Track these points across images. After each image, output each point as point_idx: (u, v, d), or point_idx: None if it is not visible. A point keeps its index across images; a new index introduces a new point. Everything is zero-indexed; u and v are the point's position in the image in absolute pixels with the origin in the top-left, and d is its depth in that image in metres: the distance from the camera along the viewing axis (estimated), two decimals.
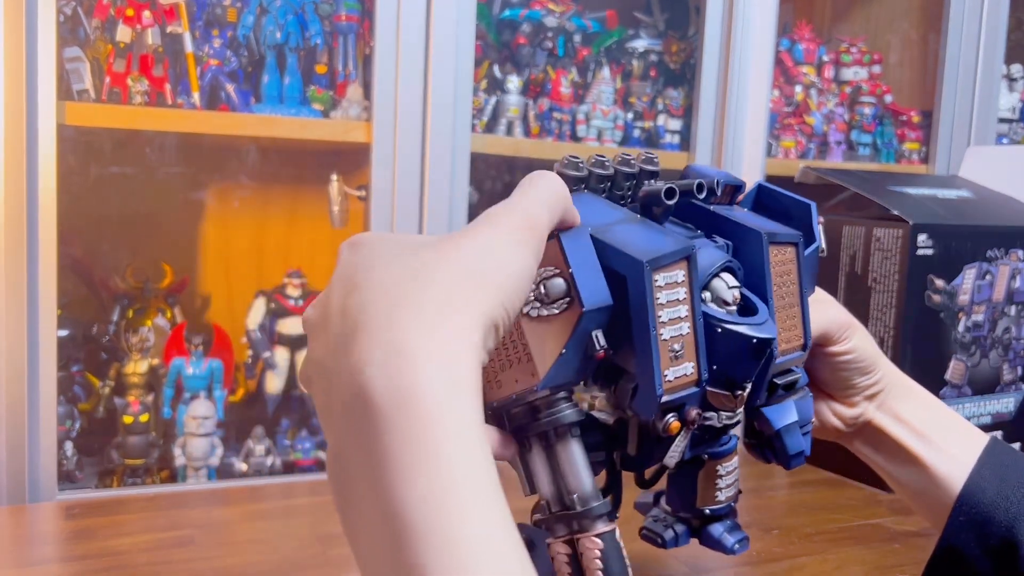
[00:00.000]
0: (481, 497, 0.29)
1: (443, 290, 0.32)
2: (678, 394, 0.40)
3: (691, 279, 0.41)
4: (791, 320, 0.49)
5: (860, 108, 1.36)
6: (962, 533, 0.52)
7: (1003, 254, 1.01)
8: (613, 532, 0.36)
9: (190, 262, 1.16)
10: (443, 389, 0.30)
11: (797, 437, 0.51)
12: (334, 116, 1.02)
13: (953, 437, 0.56)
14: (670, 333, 0.40)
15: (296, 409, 1.07)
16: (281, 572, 0.72)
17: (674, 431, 0.40)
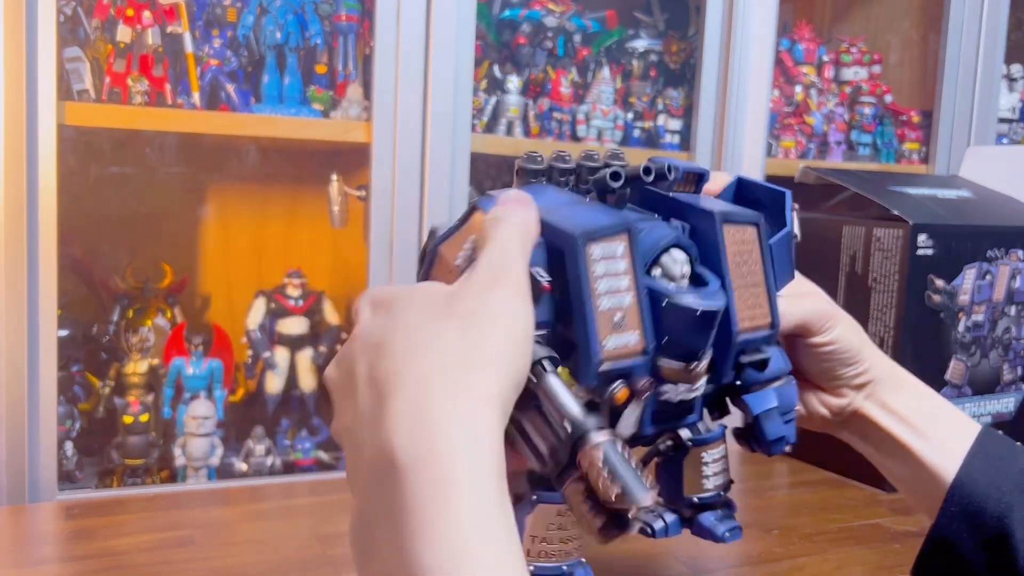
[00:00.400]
0: (495, 558, 0.30)
1: (465, 359, 0.34)
2: (621, 363, 0.41)
3: (633, 253, 0.42)
4: (755, 299, 0.48)
5: (860, 108, 1.36)
6: (954, 524, 0.52)
7: (1003, 254, 1.01)
8: (612, 440, 0.37)
9: (190, 262, 1.16)
10: (465, 451, 0.31)
11: (777, 423, 0.51)
12: (334, 116, 1.02)
13: (944, 427, 0.56)
14: (609, 303, 0.41)
15: (296, 409, 1.07)
16: (281, 572, 0.72)
17: (621, 399, 0.41)
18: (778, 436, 0.51)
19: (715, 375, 0.47)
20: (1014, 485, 0.52)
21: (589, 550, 0.77)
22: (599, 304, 0.40)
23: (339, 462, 1.06)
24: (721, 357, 0.46)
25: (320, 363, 1.07)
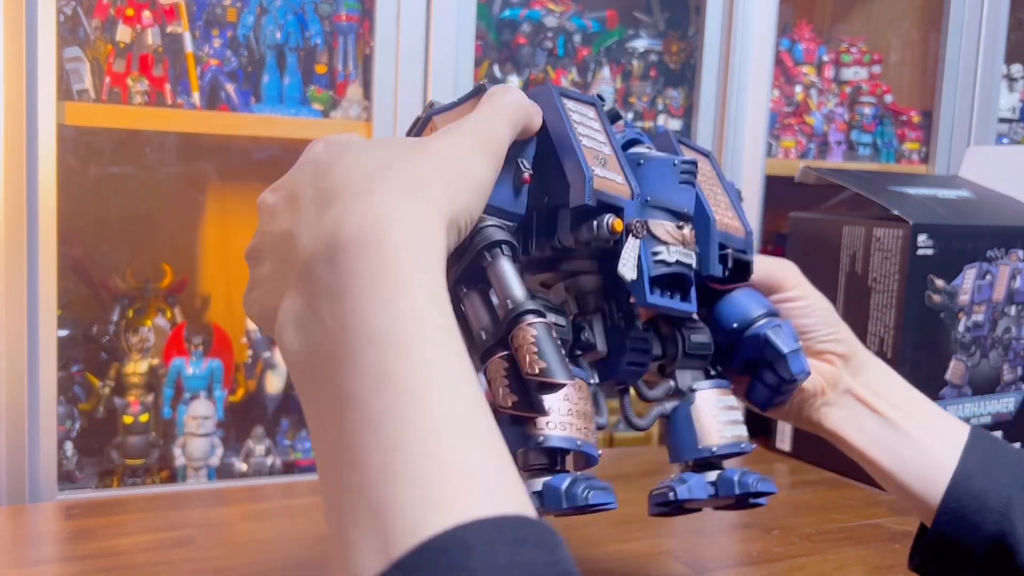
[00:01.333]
0: (444, 321, 0.31)
1: (417, 178, 0.34)
2: (612, 195, 0.42)
3: (603, 121, 0.44)
4: (723, 207, 0.50)
5: (860, 108, 1.36)
6: (955, 520, 0.52)
7: (1003, 254, 1.01)
8: (547, 324, 0.37)
9: (190, 262, 1.16)
10: (411, 237, 0.32)
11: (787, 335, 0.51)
12: (334, 116, 1.02)
13: (938, 418, 0.56)
14: (590, 143, 0.42)
15: (296, 409, 1.07)
16: (281, 572, 0.72)
17: (618, 228, 0.41)
18: (793, 348, 0.50)
19: (702, 264, 0.47)
20: (1012, 479, 0.51)
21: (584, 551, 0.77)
22: (582, 141, 0.42)
23: None
24: (703, 244, 0.47)
25: None
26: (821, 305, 0.57)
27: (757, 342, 0.50)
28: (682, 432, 0.50)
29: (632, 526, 0.82)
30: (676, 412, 0.50)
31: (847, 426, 0.58)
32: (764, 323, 0.51)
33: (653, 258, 0.43)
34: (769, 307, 0.53)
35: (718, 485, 0.50)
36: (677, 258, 0.44)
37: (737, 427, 0.50)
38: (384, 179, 0.33)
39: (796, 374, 0.50)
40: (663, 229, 0.44)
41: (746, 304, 0.52)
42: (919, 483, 0.55)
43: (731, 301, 0.52)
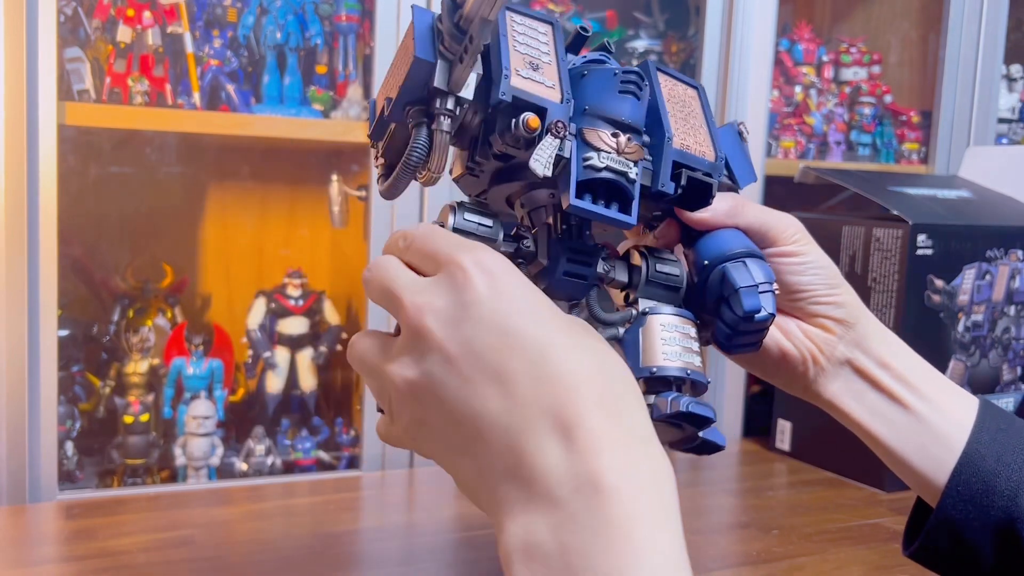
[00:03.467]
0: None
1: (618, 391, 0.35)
2: (536, 96, 0.42)
3: (555, 38, 0.45)
4: (694, 131, 0.48)
5: (860, 108, 1.36)
6: (961, 505, 0.48)
7: (1003, 254, 1.01)
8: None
9: (190, 262, 1.16)
10: (645, 484, 0.32)
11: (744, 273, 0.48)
12: (334, 116, 1.02)
13: (946, 392, 0.51)
14: (526, 51, 0.43)
15: (296, 409, 1.07)
16: (281, 572, 0.72)
17: (533, 124, 0.41)
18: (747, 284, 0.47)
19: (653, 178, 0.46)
20: (1023, 462, 0.48)
21: None
22: (515, 47, 0.43)
23: (339, 462, 1.06)
24: (656, 161, 0.46)
25: (320, 363, 1.07)
26: (821, 264, 0.52)
27: (718, 278, 0.48)
28: (628, 352, 0.47)
29: None
30: (627, 332, 0.47)
31: (845, 398, 0.53)
32: (734, 261, 0.48)
33: (583, 163, 0.42)
34: (750, 248, 0.49)
35: (652, 407, 0.46)
36: (607, 164, 0.42)
37: (689, 355, 0.47)
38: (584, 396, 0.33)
39: (747, 311, 0.46)
40: (596, 135, 0.43)
41: (725, 242, 0.49)
42: (923, 462, 0.50)
43: (711, 238, 0.49)
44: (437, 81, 0.41)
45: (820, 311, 0.52)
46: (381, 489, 0.95)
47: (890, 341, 0.53)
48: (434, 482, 0.98)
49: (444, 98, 0.42)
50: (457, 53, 0.41)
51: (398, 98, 0.42)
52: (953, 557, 0.50)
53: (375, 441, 1.00)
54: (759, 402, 1.23)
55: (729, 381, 1.17)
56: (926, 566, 0.52)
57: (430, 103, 0.42)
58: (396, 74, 0.44)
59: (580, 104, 0.43)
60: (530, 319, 0.35)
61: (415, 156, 0.42)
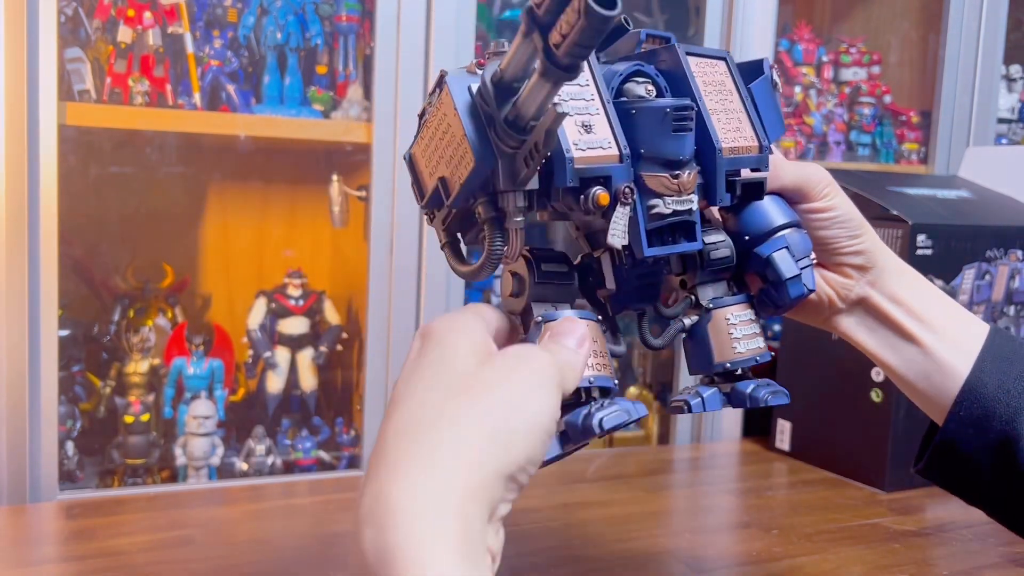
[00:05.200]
0: None
1: (457, 449, 0.33)
2: (597, 166, 0.42)
3: (595, 77, 0.44)
4: (736, 123, 0.49)
5: (859, 108, 1.36)
6: (962, 428, 0.52)
7: (1002, 254, 1.01)
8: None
9: (191, 262, 1.16)
10: (427, 546, 0.30)
11: (789, 263, 0.50)
12: (334, 116, 1.02)
13: (954, 322, 0.55)
14: (575, 111, 0.42)
15: (296, 409, 1.07)
16: (281, 572, 0.72)
17: (603, 202, 0.41)
18: (793, 275, 0.50)
19: (709, 196, 0.47)
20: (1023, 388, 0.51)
21: (584, 551, 0.77)
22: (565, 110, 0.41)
23: (339, 462, 1.06)
24: (709, 175, 0.46)
25: (320, 363, 1.07)
26: (845, 216, 0.54)
27: (761, 261, 0.51)
28: (699, 347, 0.50)
29: (632, 526, 0.83)
30: (694, 328, 0.50)
31: (859, 332, 0.57)
32: (776, 239, 0.51)
33: (649, 211, 0.43)
34: (789, 217, 0.52)
35: (731, 397, 0.51)
36: (673, 208, 0.44)
37: (754, 340, 0.50)
38: (412, 458, 0.33)
39: (793, 299, 0.50)
40: (657, 181, 0.43)
41: (765, 215, 0.51)
42: (930, 389, 0.54)
43: (753, 210, 0.51)
44: (503, 184, 0.40)
45: (842, 260, 0.56)
46: None
47: (906, 276, 0.56)
48: None
49: (515, 196, 0.41)
50: (515, 150, 0.39)
51: (460, 193, 0.41)
52: (955, 475, 0.54)
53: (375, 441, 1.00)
54: None
55: None
56: (932, 481, 0.56)
57: (497, 199, 0.41)
58: (442, 150, 0.42)
59: (635, 147, 0.43)
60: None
61: (496, 252, 0.41)
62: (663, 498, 0.94)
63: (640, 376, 1.27)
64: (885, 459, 0.97)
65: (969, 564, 0.77)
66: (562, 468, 1.02)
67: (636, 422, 0.46)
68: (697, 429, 1.18)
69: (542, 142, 0.38)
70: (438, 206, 0.44)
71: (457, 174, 0.41)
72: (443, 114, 0.42)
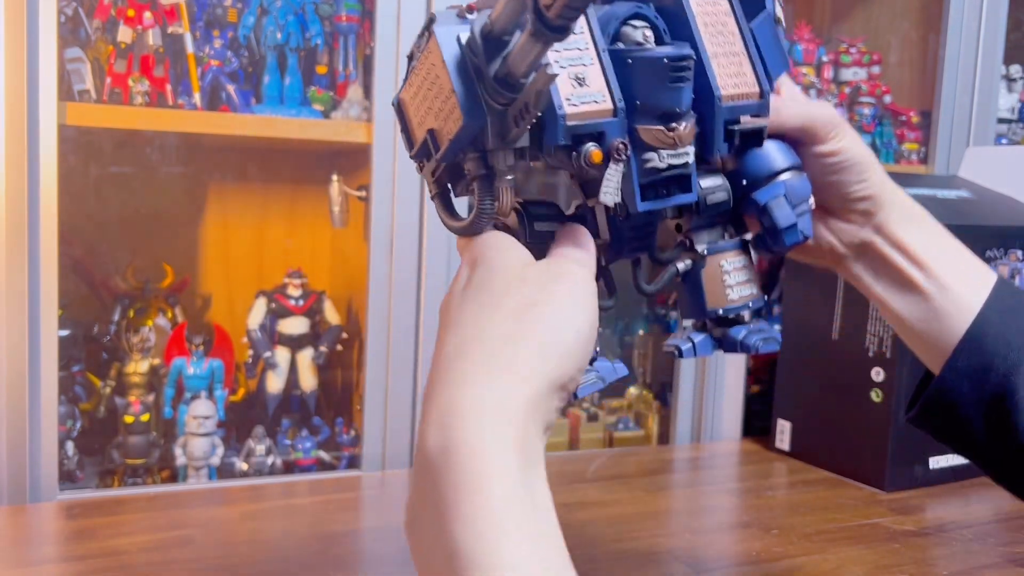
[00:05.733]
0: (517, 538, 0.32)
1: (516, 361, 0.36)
2: (590, 122, 0.41)
3: (590, 24, 0.42)
4: (736, 67, 0.47)
5: (859, 108, 1.36)
6: (958, 380, 0.51)
7: (1002, 254, 1.01)
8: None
9: (191, 262, 1.17)
10: (489, 445, 0.34)
11: (786, 210, 0.49)
12: (334, 116, 1.02)
13: (960, 272, 0.53)
14: (568, 63, 0.41)
15: (296, 409, 1.07)
16: (281, 572, 0.72)
17: (596, 159, 0.40)
18: (789, 223, 0.49)
19: (706, 146, 0.45)
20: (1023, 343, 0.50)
21: (584, 551, 0.77)
22: (557, 62, 0.40)
23: (339, 462, 1.06)
24: (707, 124, 0.45)
25: (320, 363, 1.07)
26: (853, 159, 0.52)
27: (758, 207, 0.49)
28: (692, 293, 0.49)
29: (632, 526, 0.83)
30: (688, 274, 0.49)
31: (864, 277, 0.55)
32: (774, 185, 0.49)
33: (643, 165, 0.42)
34: (790, 161, 0.50)
35: (723, 343, 0.50)
36: (668, 163, 0.42)
37: (747, 287, 0.49)
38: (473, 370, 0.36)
39: (788, 246, 0.50)
40: (652, 135, 0.42)
41: (764, 159, 0.50)
42: (930, 339, 0.53)
43: (752, 153, 0.50)
44: (492, 142, 0.40)
45: (847, 206, 0.54)
46: (381, 489, 0.96)
47: (914, 219, 0.54)
48: None
49: (504, 154, 0.40)
50: (505, 107, 0.39)
51: (449, 149, 0.40)
52: (948, 427, 0.53)
53: (375, 441, 1.01)
54: (759, 402, 1.23)
55: (729, 381, 1.18)
56: (925, 431, 0.55)
57: (486, 155, 0.41)
58: (431, 103, 0.41)
59: (630, 97, 0.42)
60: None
61: (487, 208, 0.41)
62: (663, 498, 0.94)
63: (640, 376, 1.27)
64: (885, 459, 0.97)
65: (969, 564, 0.77)
66: (562, 468, 1.02)
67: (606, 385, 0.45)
68: (697, 429, 1.18)
69: (532, 102, 0.37)
70: (427, 157, 0.43)
71: (446, 128, 0.40)
72: (431, 64, 0.40)
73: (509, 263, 0.40)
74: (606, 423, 1.22)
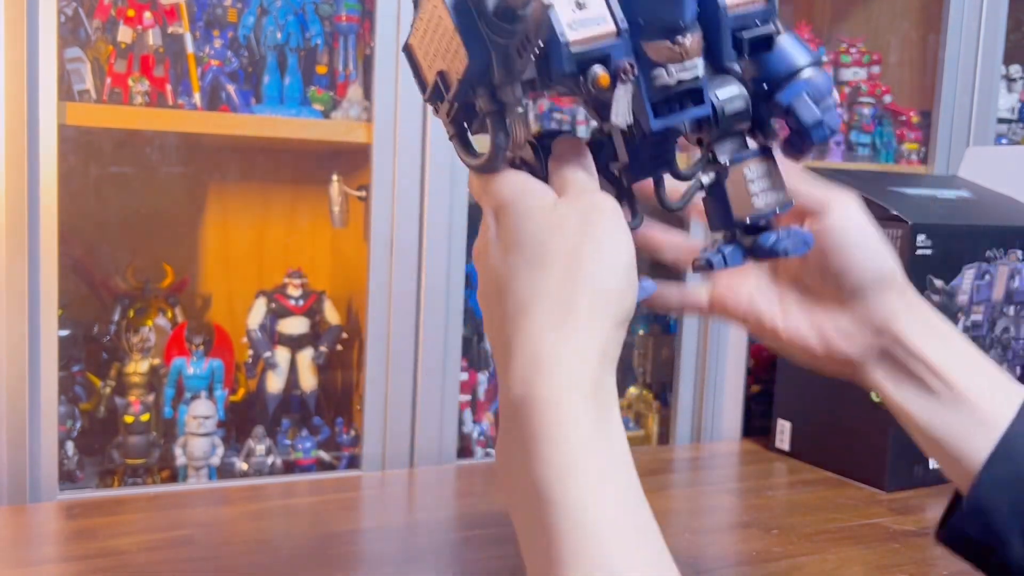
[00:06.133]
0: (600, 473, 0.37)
1: (578, 310, 0.39)
2: (595, 45, 0.40)
3: None
4: None
5: (859, 108, 1.36)
6: (994, 490, 0.48)
7: (1002, 254, 1.01)
8: None
9: (191, 262, 1.17)
10: (567, 395, 0.37)
11: (809, 107, 0.48)
12: (334, 116, 1.02)
13: (988, 384, 0.50)
14: None
15: (296, 409, 1.07)
16: (281, 572, 0.72)
17: (603, 83, 0.40)
18: (815, 120, 0.48)
19: (716, 57, 0.45)
20: None
21: None
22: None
23: (339, 462, 1.06)
24: (713, 34, 0.44)
25: (320, 363, 1.07)
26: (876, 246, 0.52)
27: (781, 109, 0.48)
28: (718, 204, 0.49)
29: None
30: (712, 186, 0.48)
31: (883, 385, 0.52)
32: (795, 84, 0.48)
33: (653, 82, 0.42)
34: (810, 57, 0.48)
35: (754, 250, 0.49)
36: (678, 78, 0.42)
37: (773, 193, 0.49)
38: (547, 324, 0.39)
39: (817, 144, 0.49)
40: (658, 50, 0.42)
41: (783, 58, 0.48)
42: (957, 451, 0.50)
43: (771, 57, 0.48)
44: (498, 77, 0.40)
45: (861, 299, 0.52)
46: (381, 489, 0.96)
47: (931, 327, 0.52)
48: (434, 482, 0.98)
49: (513, 87, 0.41)
50: (507, 41, 0.39)
51: (459, 88, 0.41)
52: (981, 545, 0.50)
53: (375, 441, 1.01)
54: (759, 402, 1.23)
55: (729, 381, 1.18)
56: (955, 550, 0.52)
57: (497, 92, 0.41)
58: (437, 45, 0.42)
59: (632, 16, 0.42)
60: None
61: (501, 143, 0.42)
62: (663, 498, 0.94)
63: (640, 376, 1.27)
64: (885, 459, 0.97)
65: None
66: None
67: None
68: (697, 429, 1.18)
69: (533, 33, 0.38)
70: (440, 99, 0.43)
71: (454, 68, 0.41)
72: (433, 5, 0.41)
73: (535, 206, 0.41)
74: None
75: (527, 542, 0.38)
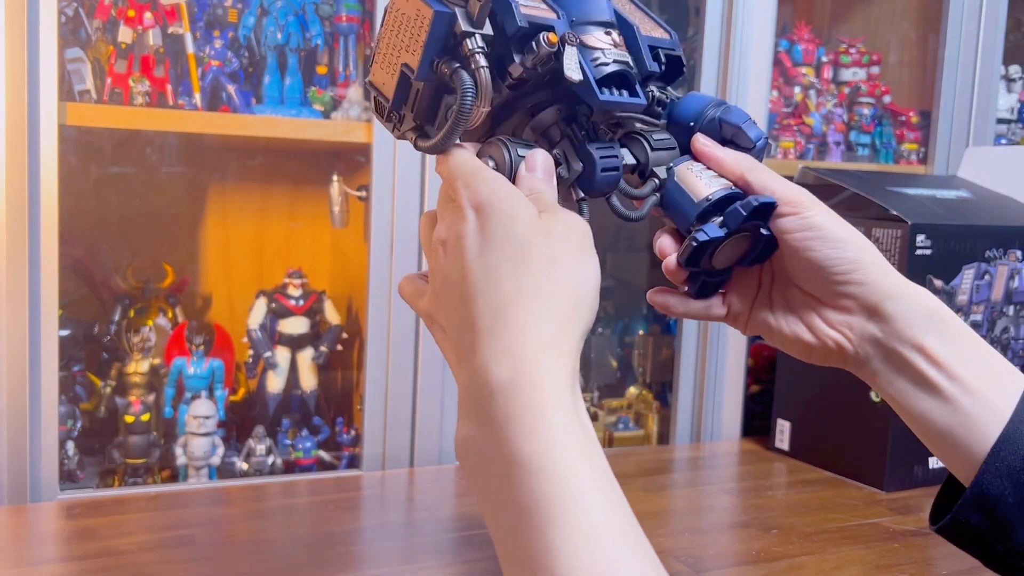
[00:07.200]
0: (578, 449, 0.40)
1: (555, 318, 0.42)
2: (541, 17, 0.48)
3: None
4: (645, 22, 0.55)
5: (859, 109, 1.36)
6: (997, 480, 0.47)
7: (1002, 254, 1.01)
8: None
9: (191, 262, 1.17)
10: (549, 381, 0.41)
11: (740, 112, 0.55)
12: (334, 117, 1.02)
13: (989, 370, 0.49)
14: None
15: (297, 409, 1.07)
16: (281, 572, 0.72)
17: (553, 40, 0.46)
18: (745, 119, 0.54)
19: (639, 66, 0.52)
20: None
21: None
22: None
23: (339, 462, 1.06)
24: (634, 46, 0.52)
25: (320, 363, 1.07)
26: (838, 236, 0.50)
27: (714, 127, 0.55)
28: (677, 200, 0.54)
29: None
30: (665, 189, 0.54)
31: (879, 376, 0.52)
32: (716, 107, 0.55)
33: (593, 64, 0.49)
34: (715, 98, 0.57)
35: (727, 219, 0.52)
36: (614, 58, 0.49)
37: (719, 179, 0.53)
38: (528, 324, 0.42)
39: (755, 140, 0.54)
40: (593, 38, 0.49)
41: (693, 101, 0.56)
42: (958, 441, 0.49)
43: (679, 104, 0.56)
44: (463, 25, 0.45)
45: (837, 289, 0.51)
46: (381, 489, 0.96)
47: (934, 320, 0.50)
48: (434, 482, 0.98)
49: (473, 37, 0.45)
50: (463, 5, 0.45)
51: (424, 57, 0.46)
52: (987, 531, 0.49)
53: (375, 441, 1.01)
54: (759, 402, 1.23)
55: (729, 381, 1.18)
56: (954, 542, 0.51)
57: (461, 46, 0.46)
58: (401, 43, 0.47)
59: (567, 17, 0.49)
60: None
61: (468, 98, 0.45)
62: (663, 498, 0.94)
63: (640, 376, 1.27)
64: (885, 459, 0.97)
65: (969, 564, 0.77)
66: None
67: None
68: (697, 429, 1.18)
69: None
70: (405, 97, 0.48)
71: (420, 37, 0.46)
72: (396, 9, 0.47)
73: (522, 211, 0.44)
74: (606, 423, 1.22)
75: (501, 515, 0.40)
